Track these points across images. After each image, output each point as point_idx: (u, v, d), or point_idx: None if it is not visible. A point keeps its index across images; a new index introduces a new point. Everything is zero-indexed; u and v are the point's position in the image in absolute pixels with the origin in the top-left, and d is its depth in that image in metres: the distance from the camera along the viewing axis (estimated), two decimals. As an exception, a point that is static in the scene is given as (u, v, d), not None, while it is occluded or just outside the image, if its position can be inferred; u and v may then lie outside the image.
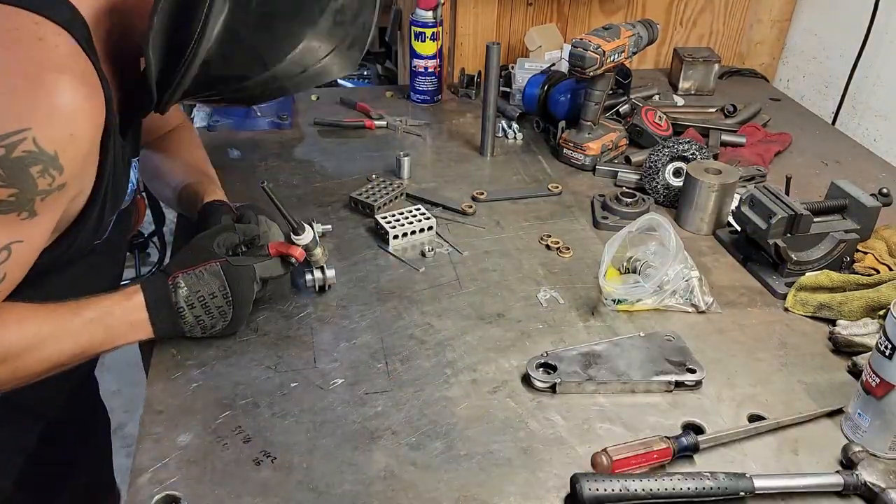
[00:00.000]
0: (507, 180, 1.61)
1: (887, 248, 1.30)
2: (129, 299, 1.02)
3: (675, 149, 1.51)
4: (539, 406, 1.03)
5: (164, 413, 0.98)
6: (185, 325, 1.05)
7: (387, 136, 1.79)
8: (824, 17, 2.10)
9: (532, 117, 1.83)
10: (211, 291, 1.04)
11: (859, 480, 0.89)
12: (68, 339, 0.95)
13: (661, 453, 0.92)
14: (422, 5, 1.82)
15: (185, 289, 1.03)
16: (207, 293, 1.04)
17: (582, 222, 1.46)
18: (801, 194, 1.50)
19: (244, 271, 1.07)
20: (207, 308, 1.05)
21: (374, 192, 1.47)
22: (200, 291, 1.04)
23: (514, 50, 2.09)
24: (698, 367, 1.07)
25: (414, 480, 0.91)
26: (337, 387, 1.04)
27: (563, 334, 1.16)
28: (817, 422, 1.02)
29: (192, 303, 1.04)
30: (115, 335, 1.00)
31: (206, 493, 0.88)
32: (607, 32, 1.56)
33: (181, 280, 1.04)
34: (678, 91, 2.07)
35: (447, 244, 1.37)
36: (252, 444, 0.95)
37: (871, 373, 0.94)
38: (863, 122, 1.94)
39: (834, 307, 1.19)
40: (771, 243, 1.25)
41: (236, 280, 1.06)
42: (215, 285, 1.05)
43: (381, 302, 1.21)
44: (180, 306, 1.03)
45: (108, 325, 0.99)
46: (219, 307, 1.06)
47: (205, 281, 1.04)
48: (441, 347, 1.12)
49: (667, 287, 1.19)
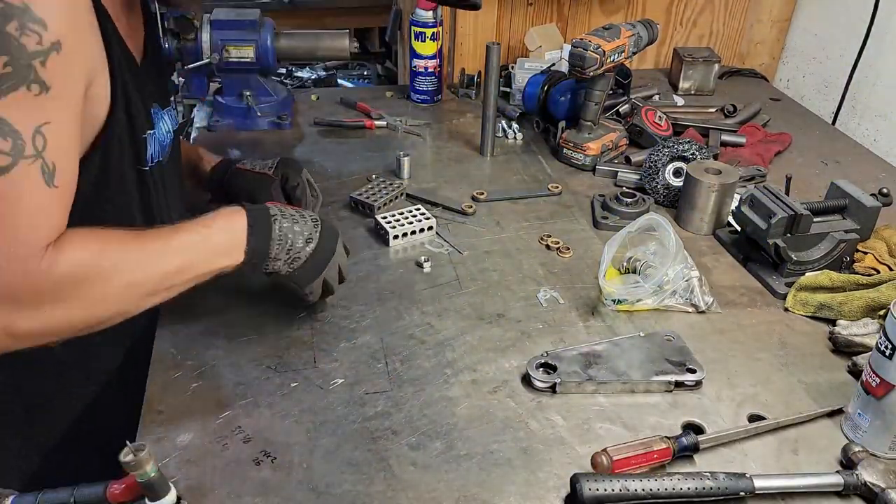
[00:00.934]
0: (507, 180, 1.61)
1: (887, 248, 1.30)
2: (233, 220, 1.01)
3: (675, 149, 1.51)
4: (539, 406, 1.03)
5: (163, 413, 0.98)
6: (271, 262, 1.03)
7: (387, 136, 1.79)
8: (824, 17, 2.10)
9: (532, 117, 1.83)
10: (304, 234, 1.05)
11: (859, 480, 0.89)
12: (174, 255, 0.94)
13: (661, 453, 0.92)
14: (422, 5, 1.82)
15: (283, 223, 1.03)
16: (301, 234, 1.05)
17: (582, 222, 1.46)
18: (801, 194, 1.50)
19: (334, 230, 1.10)
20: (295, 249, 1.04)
21: (374, 192, 1.47)
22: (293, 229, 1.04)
23: (514, 50, 2.09)
24: (698, 367, 1.07)
25: (414, 480, 0.91)
26: (337, 387, 1.04)
27: (563, 334, 1.16)
28: (817, 422, 1.02)
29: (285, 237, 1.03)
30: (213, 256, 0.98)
31: (206, 494, 0.88)
32: (607, 32, 1.56)
33: (281, 211, 1.05)
34: (678, 91, 2.07)
35: (447, 244, 1.37)
36: (252, 444, 0.95)
37: (871, 373, 0.94)
38: (863, 122, 1.94)
39: (834, 307, 1.19)
40: (771, 243, 1.25)
41: (326, 234, 1.08)
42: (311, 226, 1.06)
43: (381, 302, 1.21)
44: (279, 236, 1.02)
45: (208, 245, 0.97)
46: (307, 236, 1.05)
47: (300, 223, 1.06)
48: (441, 347, 1.12)
49: (667, 287, 1.19)
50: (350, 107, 1.92)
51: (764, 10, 2.18)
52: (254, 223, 1.01)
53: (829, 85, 2.06)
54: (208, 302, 1.18)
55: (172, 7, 1.46)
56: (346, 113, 1.90)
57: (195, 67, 1.67)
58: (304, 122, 1.83)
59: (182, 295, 0.97)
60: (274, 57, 1.71)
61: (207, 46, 1.66)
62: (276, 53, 1.71)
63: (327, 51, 1.78)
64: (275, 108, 1.81)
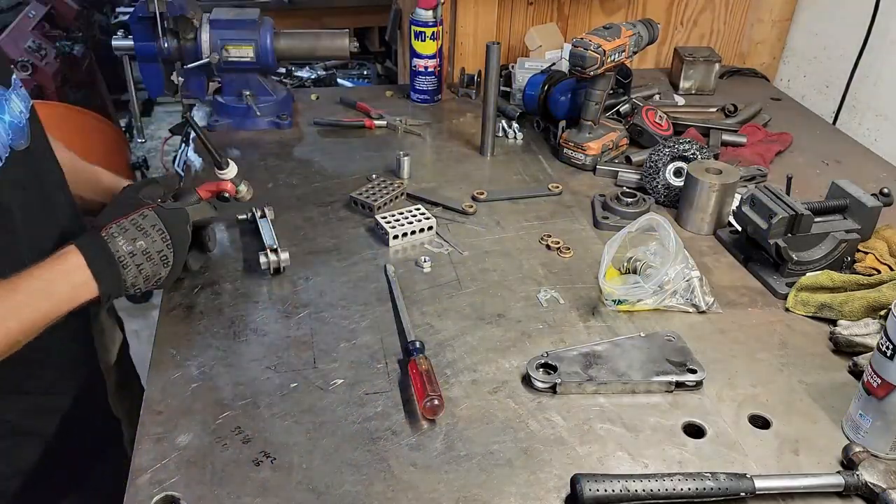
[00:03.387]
0: (507, 180, 1.61)
1: (888, 247, 1.30)
2: (66, 261, 0.96)
3: (675, 148, 1.51)
4: (539, 406, 1.02)
5: (163, 413, 0.98)
6: (128, 276, 1.00)
7: (387, 136, 1.79)
8: (825, 17, 2.10)
9: (532, 117, 1.83)
10: (150, 236, 1.01)
11: (860, 481, 0.89)
12: (11, 317, 0.91)
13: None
14: (422, 5, 1.81)
15: (121, 238, 0.99)
16: (147, 238, 1.01)
17: (582, 222, 1.46)
18: (802, 194, 1.50)
19: (178, 213, 1.06)
20: (149, 255, 1.01)
21: (374, 192, 1.47)
22: (138, 239, 1.00)
23: (515, 49, 2.09)
24: (699, 367, 1.06)
25: (414, 481, 0.91)
26: (337, 387, 1.04)
27: (564, 334, 1.16)
28: (818, 422, 1.02)
29: (133, 251, 1.00)
30: (59, 302, 0.95)
31: (206, 494, 0.87)
32: (608, 32, 1.56)
33: (115, 230, 1.00)
34: (679, 91, 2.07)
35: (447, 244, 1.37)
36: (252, 444, 0.94)
37: (872, 373, 0.94)
38: (863, 121, 1.93)
39: (835, 307, 1.19)
40: (772, 243, 1.25)
41: (172, 223, 1.04)
42: (154, 229, 1.02)
43: (381, 302, 1.21)
44: (121, 256, 0.99)
45: (49, 294, 0.94)
46: (160, 252, 1.02)
47: (140, 226, 1.01)
48: (441, 348, 1.12)
49: (667, 287, 1.19)
50: (350, 106, 1.92)
51: (764, 10, 2.18)
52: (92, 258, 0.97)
53: (830, 85, 2.06)
54: (208, 302, 1.18)
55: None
56: (346, 113, 1.89)
57: (195, 67, 1.67)
58: (304, 122, 1.83)
59: (182, 295, 0.97)
60: (273, 57, 1.71)
61: (207, 46, 1.66)
62: (275, 53, 1.71)
63: (327, 50, 1.78)
64: (274, 107, 1.80)
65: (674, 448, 0.97)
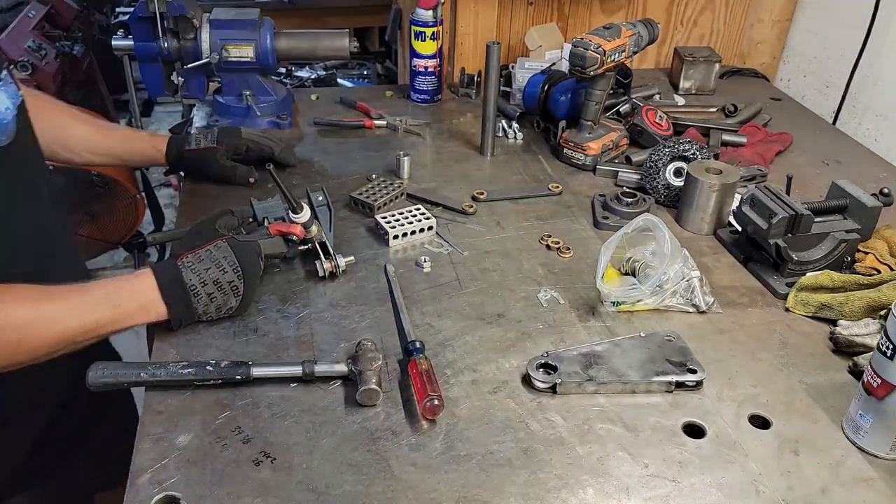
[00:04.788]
0: (507, 180, 1.61)
1: (888, 247, 1.30)
2: (138, 279, 1.03)
3: (675, 148, 1.51)
4: (539, 406, 1.02)
5: (163, 413, 0.98)
6: (199, 304, 1.06)
7: (387, 136, 1.79)
8: (825, 17, 2.10)
9: (532, 117, 1.83)
10: (221, 267, 1.06)
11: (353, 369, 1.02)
12: (72, 318, 0.96)
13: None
14: (422, 5, 1.81)
15: (194, 267, 1.05)
16: (218, 269, 1.06)
17: (582, 222, 1.46)
18: (802, 194, 1.50)
19: (251, 246, 1.11)
20: (220, 285, 1.07)
21: (374, 192, 1.47)
22: (211, 269, 1.06)
23: (515, 49, 2.09)
24: (699, 367, 1.06)
25: (414, 480, 0.91)
26: (337, 387, 1.04)
27: (564, 334, 1.16)
28: (818, 422, 1.02)
29: (205, 280, 1.05)
30: (123, 315, 1.01)
31: (206, 494, 0.87)
32: (608, 32, 1.56)
33: (191, 259, 1.05)
34: (679, 91, 2.07)
35: (447, 244, 1.37)
36: (252, 444, 0.94)
37: (872, 373, 0.94)
38: (863, 121, 1.93)
39: (835, 307, 1.19)
40: (772, 243, 1.25)
41: (244, 254, 1.09)
42: (226, 261, 1.07)
43: (381, 302, 1.21)
44: (192, 285, 1.04)
45: (115, 305, 1.00)
46: (230, 282, 1.07)
47: (214, 258, 1.06)
48: (441, 347, 1.12)
49: (667, 287, 1.19)
50: (350, 106, 1.92)
51: (765, 10, 2.18)
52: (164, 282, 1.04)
53: (830, 85, 2.06)
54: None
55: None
56: (346, 113, 1.89)
57: (194, 67, 1.67)
58: (304, 122, 1.83)
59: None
60: (273, 56, 1.71)
61: (207, 46, 1.66)
62: (275, 53, 1.71)
63: (327, 50, 1.78)
64: (274, 107, 1.80)
65: (674, 448, 0.97)
